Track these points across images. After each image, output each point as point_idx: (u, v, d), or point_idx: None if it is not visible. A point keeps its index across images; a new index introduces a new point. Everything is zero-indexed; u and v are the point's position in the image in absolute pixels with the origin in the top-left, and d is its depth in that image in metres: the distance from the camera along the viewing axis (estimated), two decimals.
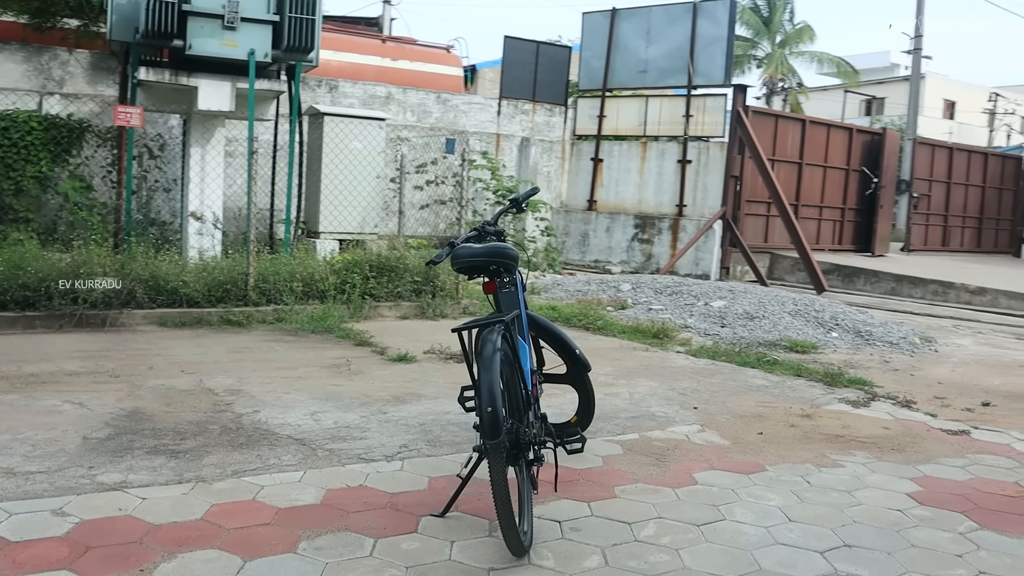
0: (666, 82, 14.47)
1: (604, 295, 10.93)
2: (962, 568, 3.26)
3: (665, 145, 14.61)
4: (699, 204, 14.16)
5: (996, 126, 43.20)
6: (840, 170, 15.98)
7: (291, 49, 8.31)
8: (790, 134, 14.89)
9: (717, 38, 13.66)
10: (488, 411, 2.93)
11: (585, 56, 15.22)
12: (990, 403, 6.19)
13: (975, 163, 19.64)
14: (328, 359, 6.47)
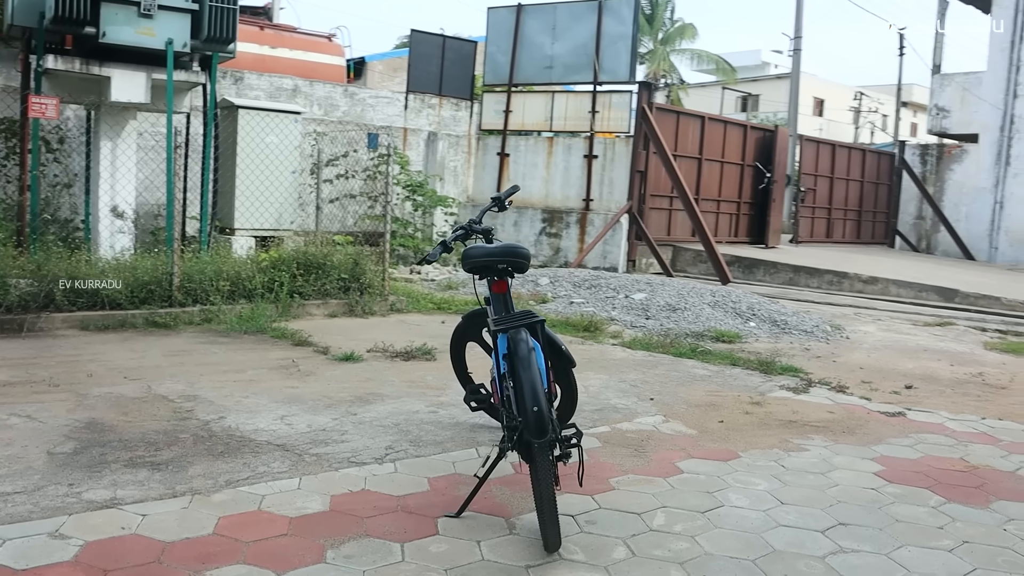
0: (572, 78, 14.68)
1: (523, 289, 11.01)
2: (948, 539, 3.50)
3: (571, 140, 14.84)
4: (605, 198, 14.45)
5: (861, 123, 45.94)
6: (736, 165, 16.65)
7: (211, 40, 7.97)
8: (691, 130, 15.40)
9: (622, 36, 13.97)
10: (534, 410, 2.94)
11: (490, 51, 15.26)
12: (912, 386, 6.62)
13: (855, 159, 20.86)
14: (272, 360, 6.27)
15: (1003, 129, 20.05)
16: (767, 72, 54.73)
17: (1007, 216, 20.17)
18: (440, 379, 5.96)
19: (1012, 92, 19.83)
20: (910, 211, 22.39)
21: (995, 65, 20.19)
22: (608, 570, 3.03)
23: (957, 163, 21.33)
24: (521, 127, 15.28)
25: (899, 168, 21.87)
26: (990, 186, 20.41)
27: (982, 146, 20.61)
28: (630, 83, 14.11)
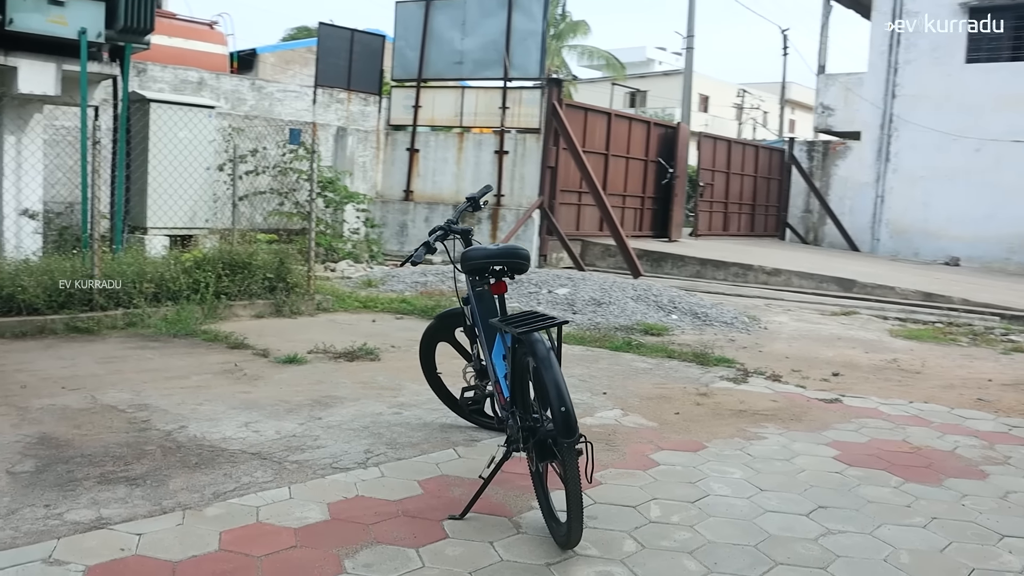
0: (482, 74, 14.70)
1: (444, 286, 10.97)
2: (918, 516, 3.74)
3: (482, 136, 14.86)
4: (517, 194, 14.55)
5: (744, 120, 47.78)
6: (640, 161, 17.05)
7: (128, 30, 7.58)
8: (598, 126, 15.67)
9: (532, 32, 14.08)
10: (562, 410, 2.96)
11: (399, 46, 15.10)
12: (838, 373, 6.98)
13: (748, 155, 21.71)
14: (213, 365, 6.05)
15: (883, 127, 21.28)
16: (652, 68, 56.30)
17: (888, 209, 21.42)
18: (391, 380, 5.90)
19: (891, 93, 21.07)
20: (799, 205, 23.50)
21: (875, 67, 21.39)
22: (625, 563, 3.09)
23: (841, 159, 22.51)
24: (431, 122, 15.19)
25: (789, 164, 22.91)
26: (872, 181, 21.62)
27: (864, 143, 21.81)
28: (540, 79, 14.25)
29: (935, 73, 20.38)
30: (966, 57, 20.02)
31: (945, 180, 20.31)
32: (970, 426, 5.42)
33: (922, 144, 20.65)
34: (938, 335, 9.32)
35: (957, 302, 11.69)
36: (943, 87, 20.20)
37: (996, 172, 19.50)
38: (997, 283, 15.06)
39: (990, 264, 19.52)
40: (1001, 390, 6.60)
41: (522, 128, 14.41)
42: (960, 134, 19.91)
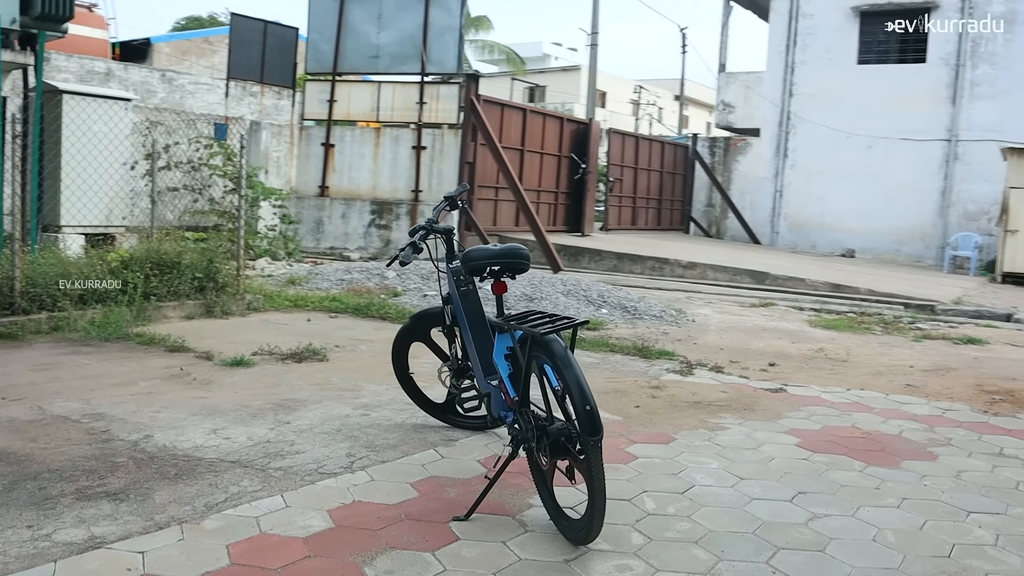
0: (399, 68, 14.54)
1: (370, 283, 10.86)
2: (890, 497, 3.95)
3: (399, 131, 14.71)
4: (435, 189, 14.48)
5: (640, 115, 48.85)
6: (554, 156, 17.23)
7: (45, 17, 7.15)
8: (514, 122, 15.75)
9: (449, 27, 14.02)
10: (587, 409, 2.98)
11: (312, 38, 14.76)
12: (775, 364, 7.26)
13: (655, 151, 22.24)
14: (158, 370, 5.81)
15: (781, 125, 22.17)
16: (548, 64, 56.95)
17: (786, 204, 22.35)
18: (346, 381, 5.80)
19: (788, 91, 21.97)
20: (701, 199, 24.24)
21: (773, 66, 22.25)
22: (639, 556, 3.15)
23: (742, 155, 23.34)
24: (347, 117, 14.94)
25: (692, 160, 23.60)
26: (771, 176, 22.50)
27: (763, 140, 22.68)
28: (458, 74, 14.20)
29: (829, 73, 21.36)
30: (858, 59, 21.07)
31: (840, 176, 21.34)
32: (908, 411, 5.74)
33: (818, 141, 21.62)
34: (853, 325, 9.80)
35: (863, 292, 12.31)
36: (837, 87, 21.19)
37: (886, 168, 20.61)
38: (893, 274, 15.95)
39: (882, 255, 20.64)
40: (924, 376, 7.00)
41: (440, 123, 14.34)
42: (853, 132, 20.94)
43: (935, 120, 19.95)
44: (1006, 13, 19.02)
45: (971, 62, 19.47)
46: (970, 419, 5.56)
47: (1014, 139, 18.36)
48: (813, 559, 3.21)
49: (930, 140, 20.09)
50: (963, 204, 19.80)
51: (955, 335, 9.25)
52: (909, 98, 20.15)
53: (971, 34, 19.40)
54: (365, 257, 14.21)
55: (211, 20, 32.26)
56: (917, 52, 20.33)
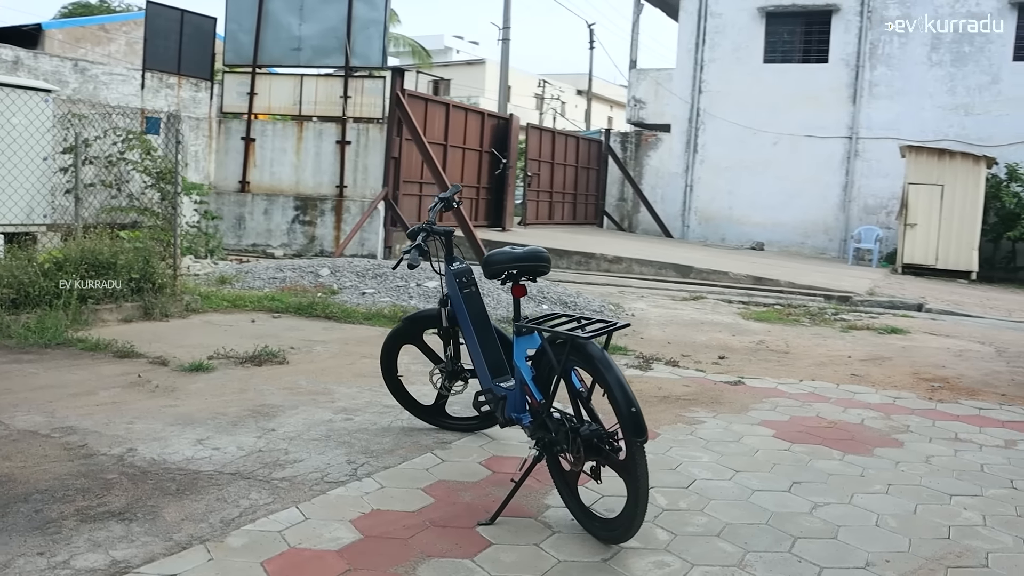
0: (322, 61, 14.23)
1: (304, 281, 10.63)
2: (876, 484, 4.16)
3: (323, 125, 14.40)
4: (360, 185, 14.27)
5: (545, 109, 49.25)
6: (475, 151, 17.21)
7: None
8: (437, 117, 15.65)
9: (374, 21, 13.81)
10: (632, 411, 3.02)
11: (231, 29, 14.27)
12: (725, 356, 7.48)
13: (570, 146, 22.47)
14: (114, 377, 5.55)
15: (691, 121, 22.76)
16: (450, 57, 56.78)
17: (696, 198, 22.97)
18: (314, 384, 5.68)
19: (698, 88, 22.57)
20: (614, 193, 24.67)
21: (683, 64, 22.81)
22: (670, 551, 3.22)
23: (653, 150, 23.85)
24: (268, 111, 14.53)
25: (605, 154, 23.97)
26: (681, 171, 23.08)
27: (674, 135, 23.23)
28: (383, 69, 14.02)
29: (737, 71, 22.06)
30: (764, 57, 21.82)
31: (747, 171, 22.07)
32: (862, 399, 6.02)
33: (726, 137, 22.30)
34: (783, 317, 10.19)
35: (784, 285, 12.81)
36: (744, 85, 21.90)
37: (791, 164, 21.44)
38: (806, 266, 16.64)
39: (788, 248, 21.48)
40: (864, 366, 7.35)
41: (365, 118, 14.12)
42: (760, 128, 21.70)
43: (837, 118, 20.87)
44: (901, 17, 20.06)
45: (870, 63, 20.45)
46: (920, 406, 5.88)
47: (909, 137, 19.43)
48: (830, 546, 3.35)
49: (832, 137, 21.00)
50: (863, 199, 20.80)
51: (878, 325, 9.74)
52: (813, 97, 21.02)
53: (869, 37, 20.38)
54: (289, 254, 13.89)
55: (103, 7, 30.73)
56: (820, 53, 21.22)
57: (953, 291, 14.53)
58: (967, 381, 6.84)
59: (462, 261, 4.27)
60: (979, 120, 19.16)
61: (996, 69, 19.08)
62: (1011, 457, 4.77)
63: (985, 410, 5.86)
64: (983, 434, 5.23)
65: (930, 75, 19.80)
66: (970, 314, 11.30)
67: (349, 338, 7.44)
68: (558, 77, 52.91)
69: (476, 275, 4.29)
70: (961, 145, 18.60)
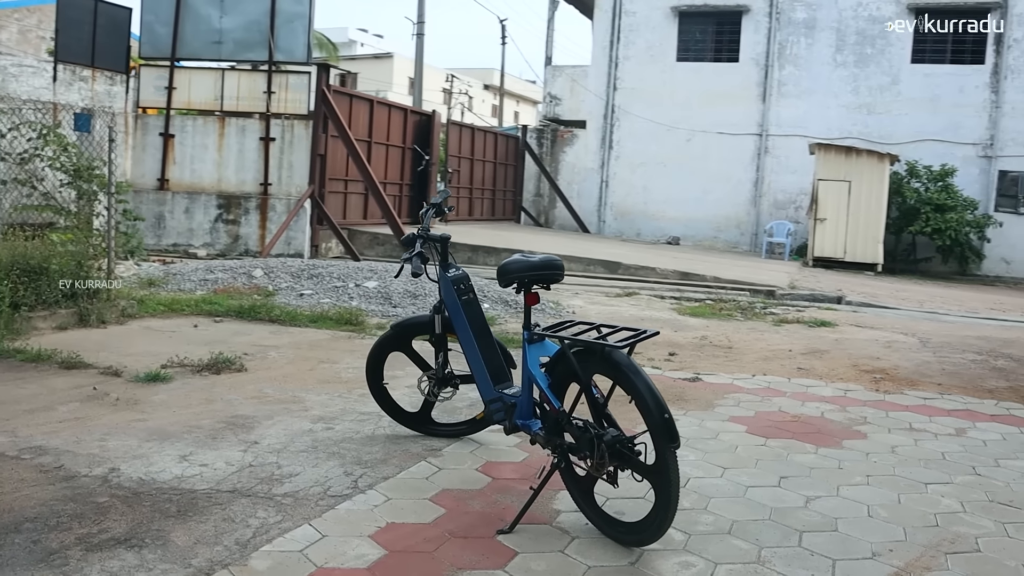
0: (244, 55, 13.81)
1: (238, 283, 10.34)
2: (856, 476, 4.35)
3: (246, 122, 13.97)
4: (285, 182, 13.94)
5: (453, 104, 49.11)
6: (398, 148, 17.05)
7: None
8: (362, 113, 15.42)
9: (298, 15, 13.49)
10: (665, 417, 3.07)
11: (147, 20, 13.68)
12: (675, 353, 7.65)
13: (489, 142, 22.49)
14: (68, 391, 5.28)
15: (606, 117, 23.12)
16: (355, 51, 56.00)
17: (612, 193, 23.36)
18: (281, 392, 5.55)
19: (612, 85, 22.94)
20: (530, 189, 24.84)
21: (598, 61, 23.14)
22: (690, 551, 3.30)
23: (569, 146, 24.12)
24: (188, 105, 14.01)
25: (522, 150, 24.10)
26: (597, 167, 23.44)
27: (589, 131, 23.56)
28: (308, 64, 13.72)
29: (651, 69, 22.53)
30: (677, 56, 22.36)
31: (661, 167, 22.59)
32: (815, 393, 6.27)
33: (641, 133, 22.77)
34: (716, 312, 10.49)
35: (710, 280, 13.18)
36: (658, 82, 22.39)
37: (704, 160, 22.06)
38: (725, 260, 17.16)
39: (702, 242, 22.11)
40: (806, 359, 7.65)
41: (290, 114, 13.79)
42: (674, 125, 22.23)
43: (748, 116, 21.57)
44: (807, 20, 20.87)
45: (778, 63, 21.21)
46: (870, 398, 6.17)
47: (816, 135, 20.25)
48: (835, 538, 3.49)
49: (743, 134, 21.71)
50: (773, 194, 21.58)
51: (807, 319, 10.14)
52: (724, 95, 21.66)
53: (778, 37, 21.12)
54: (212, 254, 13.45)
55: None
56: (731, 52, 21.88)
57: (864, 283, 15.26)
58: (904, 372, 7.21)
59: (458, 268, 4.24)
60: (881, 119, 20.14)
61: (896, 70, 20.09)
62: (965, 445, 5.05)
63: (929, 400, 6.19)
64: (934, 423, 5.52)
65: (835, 75, 20.68)
66: (887, 306, 11.89)
67: (300, 342, 7.29)
68: (465, 72, 52.85)
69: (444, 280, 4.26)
70: (864, 143, 19.52)
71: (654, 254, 16.53)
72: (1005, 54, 19.14)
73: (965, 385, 6.78)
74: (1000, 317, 11.51)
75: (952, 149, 19.29)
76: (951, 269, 19.09)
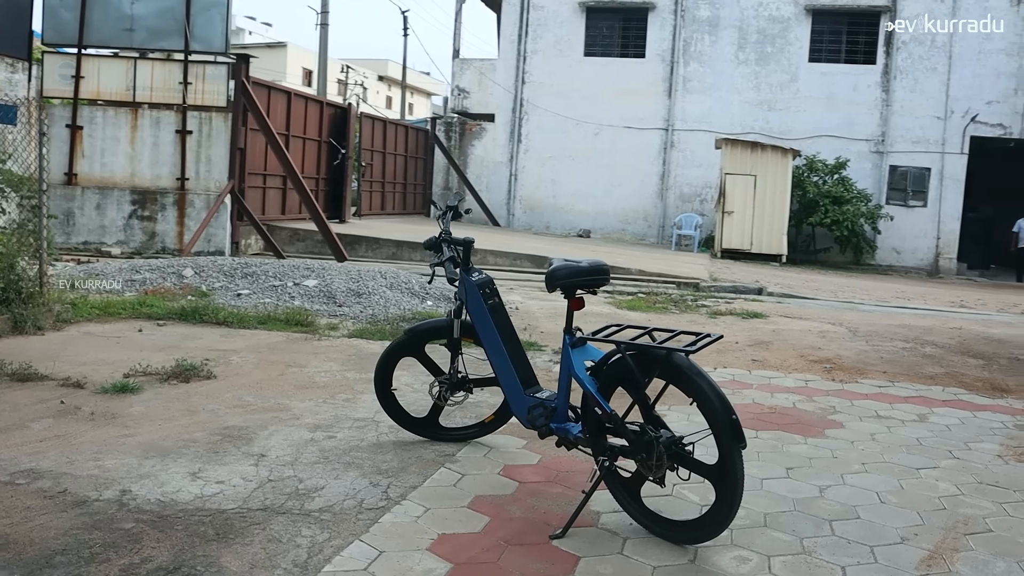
0: (158, 44, 13.16)
1: (168, 283, 9.92)
2: (854, 464, 4.56)
3: (161, 113, 13.33)
4: (204, 177, 13.40)
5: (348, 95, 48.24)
6: (315, 141, 16.65)
7: None
8: (280, 105, 14.98)
9: (216, 3, 12.95)
10: (733, 419, 3.14)
11: (50, 4, 12.81)
12: None
13: (400, 135, 22.22)
14: (32, 406, 4.96)
15: (515, 111, 23.23)
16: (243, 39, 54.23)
17: (521, 186, 23.52)
18: (262, 399, 5.38)
19: (521, 79, 23.06)
20: (439, 182, 24.73)
21: (506, 55, 23.21)
22: (739, 545, 3.41)
23: (478, 139, 24.11)
24: (97, 95, 13.24)
25: (432, 143, 23.93)
26: (506, 160, 23.54)
27: (498, 125, 23.62)
28: (227, 54, 13.21)
29: (559, 63, 22.76)
30: (585, 51, 22.66)
31: (570, 160, 22.89)
32: (779, 384, 6.53)
33: (549, 127, 22.99)
34: (651, 305, 10.74)
35: (635, 273, 13.47)
36: (566, 76, 22.65)
37: (612, 154, 22.48)
38: (643, 253, 17.56)
39: (610, 235, 22.54)
40: (755, 351, 7.94)
41: (207, 106, 13.25)
42: (582, 119, 22.55)
43: (654, 111, 22.10)
44: (711, 18, 21.53)
45: (683, 60, 21.81)
46: (831, 388, 6.47)
47: (720, 130, 20.95)
48: (863, 526, 3.67)
49: (650, 129, 22.23)
50: (679, 187, 22.20)
51: (739, 311, 10.50)
52: (631, 90, 22.11)
53: (683, 34, 21.71)
54: (128, 252, 12.81)
55: None
56: (638, 48, 22.35)
57: (774, 274, 15.92)
58: (848, 361, 7.58)
59: (480, 271, 4.21)
60: (781, 115, 21.01)
61: (795, 69, 20.99)
62: (933, 430, 5.38)
63: (884, 388, 6.55)
64: (896, 410, 5.85)
65: (738, 72, 21.43)
66: (806, 296, 12.45)
67: (257, 346, 7.06)
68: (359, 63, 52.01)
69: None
70: (766, 138, 20.33)
71: (571, 247, 16.77)
72: (895, 55, 20.31)
73: (908, 372, 7.19)
74: (909, 306, 12.24)
75: (847, 145, 20.33)
76: (847, 259, 20.14)
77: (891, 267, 20.35)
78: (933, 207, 20.30)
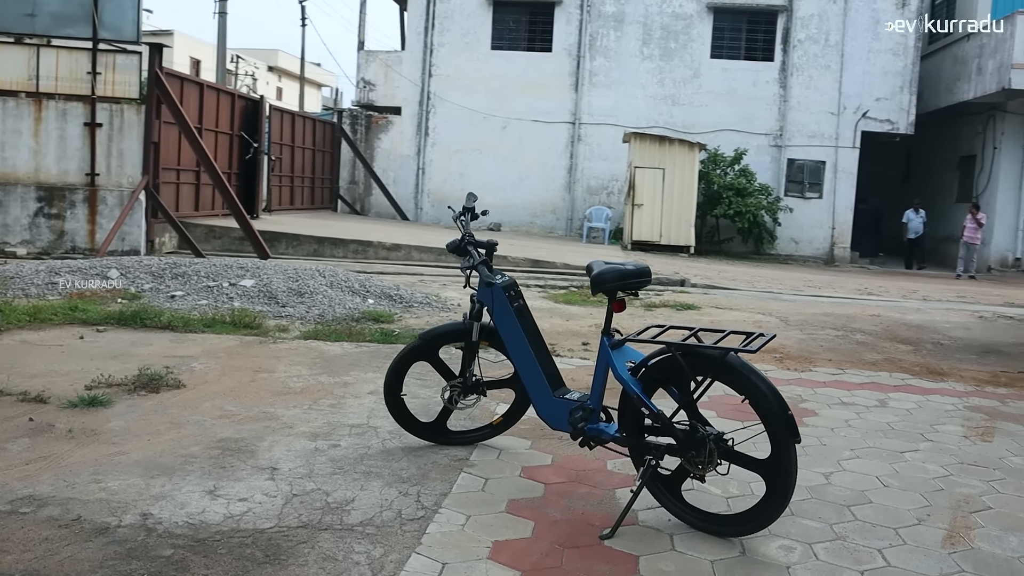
0: (63, 31, 12.37)
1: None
2: (845, 451, 4.80)
3: (68, 105, 12.54)
4: (116, 172, 12.72)
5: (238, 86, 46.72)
6: (226, 135, 16.07)
7: None
8: (192, 98, 14.38)
9: None
10: (788, 414, 3.25)
11: None
12: (587, 343, 7.91)
13: (308, 128, 21.66)
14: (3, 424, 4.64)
15: (422, 104, 23.05)
16: None
17: (428, 180, 23.37)
18: (244, 408, 5.20)
19: (428, 72, 22.88)
20: (345, 176, 24.29)
21: (412, 47, 22.98)
22: (777, 535, 3.55)
23: (384, 133, 23.80)
24: None
25: (339, 137, 23.47)
26: (413, 154, 23.34)
27: (405, 118, 23.38)
28: (138, 43, 12.58)
29: (466, 57, 22.71)
30: (492, 44, 22.69)
31: (478, 153, 22.91)
32: None
33: (457, 120, 22.93)
34: (586, 298, 10.89)
35: (560, 267, 13.64)
36: (473, 70, 22.63)
37: (520, 147, 22.62)
38: (557, 246, 17.78)
39: (519, 228, 22.70)
40: None
41: (118, 98, 12.57)
42: (489, 113, 22.59)
43: (561, 104, 22.35)
44: (616, 13, 21.92)
45: (590, 54, 22.14)
46: (791, 377, 6.76)
47: (626, 123, 21.40)
48: (879, 510, 3.87)
49: (557, 122, 22.48)
50: (586, 180, 22.55)
51: (671, 303, 10.80)
52: (538, 83, 22.30)
53: (589, 29, 22.02)
54: (34, 252, 12.05)
55: None
56: (544, 42, 22.54)
57: (687, 265, 16.41)
58: (793, 351, 7.93)
59: (503, 274, 4.19)
60: (684, 110, 21.63)
61: (697, 64, 21.63)
62: (897, 414, 5.71)
63: (837, 376, 6.89)
64: (856, 397, 6.17)
65: (643, 67, 21.92)
66: (727, 287, 12.92)
67: (213, 351, 6.80)
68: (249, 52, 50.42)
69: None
70: (670, 132, 20.90)
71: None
72: (791, 52, 21.24)
73: (851, 359, 7.59)
74: (822, 294, 12.87)
75: (748, 139, 21.14)
76: (749, 249, 20.96)
77: (790, 256, 21.32)
78: (828, 199, 21.37)
